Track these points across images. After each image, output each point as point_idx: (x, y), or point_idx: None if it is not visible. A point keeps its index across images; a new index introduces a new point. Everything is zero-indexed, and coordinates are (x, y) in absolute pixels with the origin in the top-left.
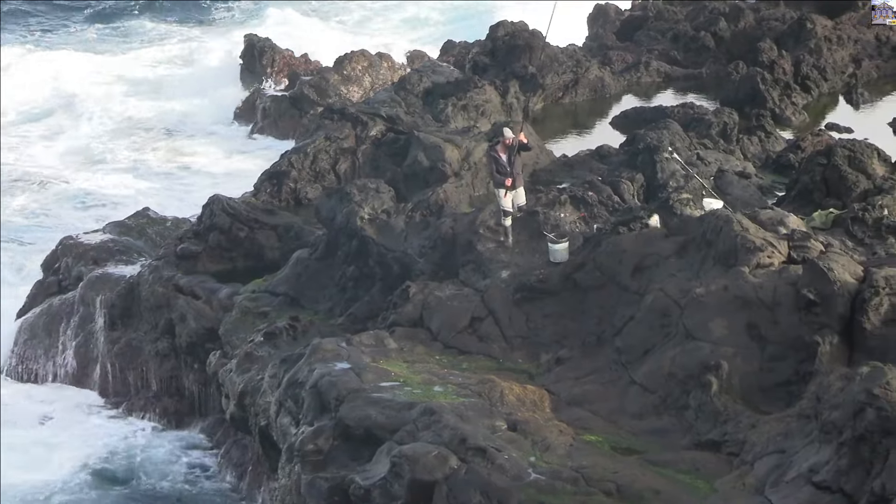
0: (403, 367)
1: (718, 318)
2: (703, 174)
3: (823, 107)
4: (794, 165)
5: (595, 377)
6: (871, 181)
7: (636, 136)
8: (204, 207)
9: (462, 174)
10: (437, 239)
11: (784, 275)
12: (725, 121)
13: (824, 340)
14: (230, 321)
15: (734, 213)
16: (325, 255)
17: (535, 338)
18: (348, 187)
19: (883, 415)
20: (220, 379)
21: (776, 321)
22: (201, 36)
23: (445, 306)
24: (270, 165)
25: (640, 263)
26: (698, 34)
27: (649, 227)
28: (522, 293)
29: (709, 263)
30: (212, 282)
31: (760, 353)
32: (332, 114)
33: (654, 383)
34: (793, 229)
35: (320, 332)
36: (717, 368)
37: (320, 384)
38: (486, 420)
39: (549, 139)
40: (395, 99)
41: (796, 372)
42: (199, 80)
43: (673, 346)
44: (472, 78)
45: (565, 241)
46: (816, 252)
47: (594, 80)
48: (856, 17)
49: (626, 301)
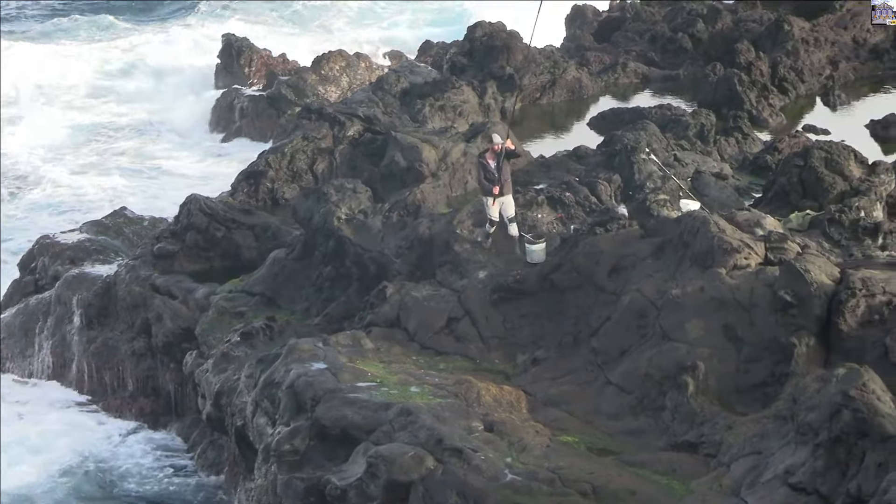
0: (380, 367)
1: (695, 319)
2: (680, 175)
3: (800, 108)
4: (771, 167)
5: (571, 378)
6: (848, 183)
7: (613, 136)
8: (181, 207)
9: (439, 174)
10: (414, 239)
11: (761, 276)
12: (703, 122)
13: (801, 342)
14: (207, 321)
15: (711, 215)
16: (302, 256)
17: (511, 338)
18: (325, 187)
19: (859, 416)
20: (196, 379)
21: (753, 322)
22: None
23: (422, 307)
24: (248, 165)
25: (616, 264)
26: (676, 35)
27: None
28: (499, 294)
29: (685, 264)
30: (188, 281)
31: (737, 354)
32: (309, 114)
33: (630, 384)
34: (769, 231)
35: (297, 332)
36: (693, 369)
37: (297, 384)
38: (462, 421)
39: (526, 140)
40: (372, 99)
41: (772, 373)
42: (172, 81)
43: (649, 346)
44: (449, 78)
45: (542, 241)
46: (793, 253)
47: (572, 81)
48: (833, 20)
49: (603, 302)
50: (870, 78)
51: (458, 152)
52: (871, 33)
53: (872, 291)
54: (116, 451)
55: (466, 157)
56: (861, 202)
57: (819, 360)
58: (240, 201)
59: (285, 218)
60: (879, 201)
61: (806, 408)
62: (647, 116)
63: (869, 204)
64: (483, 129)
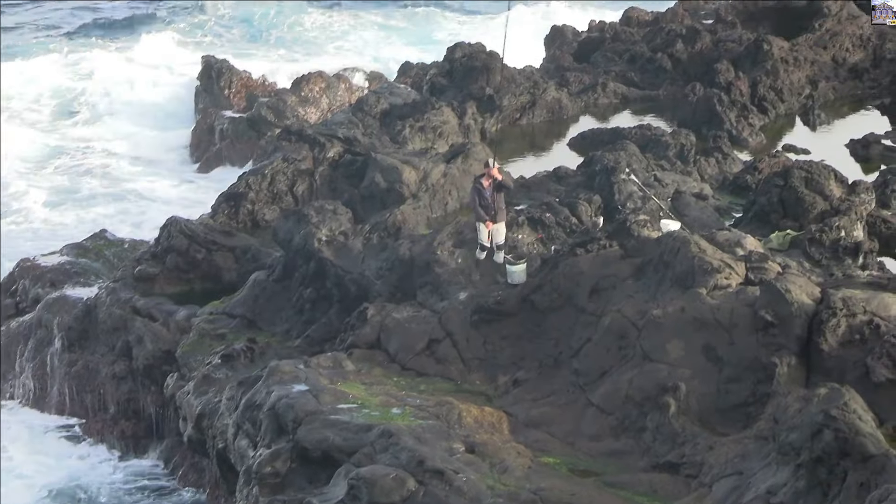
0: (361, 389)
1: (676, 339)
2: (661, 195)
3: (780, 128)
4: (751, 187)
5: (552, 399)
6: (829, 202)
7: (593, 157)
8: (161, 229)
9: (419, 196)
10: (394, 261)
11: (741, 296)
12: (682, 142)
13: (782, 362)
14: (187, 343)
15: (691, 235)
16: (283, 277)
17: (492, 360)
18: (306, 209)
19: (840, 436)
20: (177, 401)
21: (733, 342)
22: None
23: (403, 328)
24: (228, 187)
25: (597, 285)
26: (655, 56)
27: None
28: (480, 315)
29: (666, 285)
30: (169, 304)
31: (718, 374)
32: (289, 135)
33: (611, 405)
34: (750, 251)
35: (278, 354)
36: (674, 390)
37: (278, 406)
38: (443, 442)
39: (506, 160)
40: (352, 120)
41: (753, 393)
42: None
43: (630, 367)
44: (429, 99)
45: (523, 262)
46: (774, 273)
47: (551, 102)
48: (812, 39)
49: (584, 323)
50: (849, 97)
51: (438, 173)
52: (850, 52)
53: (853, 311)
54: (97, 473)
55: (447, 178)
56: (841, 222)
57: (800, 379)
58: (220, 223)
59: (266, 240)
60: (860, 221)
61: (787, 428)
62: (626, 137)
63: (849, 223)
64: (463, 150)
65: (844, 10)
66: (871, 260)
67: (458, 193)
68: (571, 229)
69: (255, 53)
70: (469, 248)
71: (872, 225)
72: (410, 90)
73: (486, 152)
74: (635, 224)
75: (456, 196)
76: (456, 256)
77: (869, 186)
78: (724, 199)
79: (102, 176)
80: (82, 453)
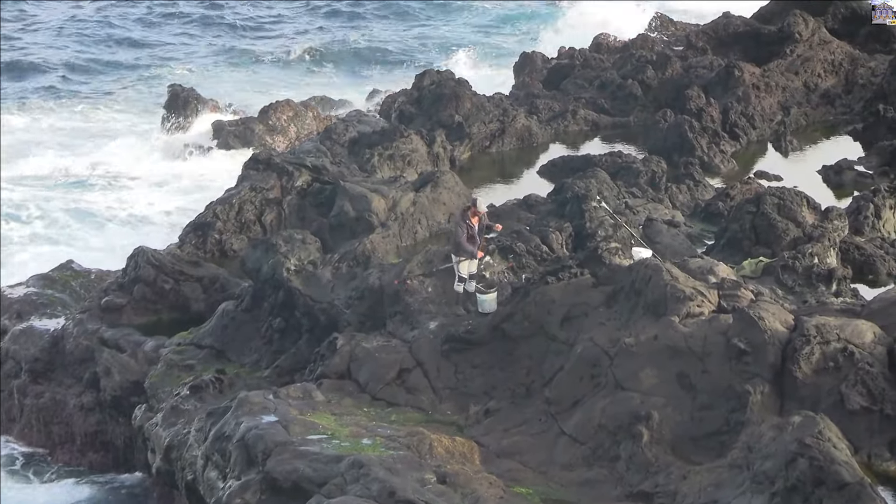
0: (331, 419)
1: (648, 367)
2: (632, 223)
3: (752, 154)
4: (723, 214)
5: (525, 428)
6: (801, 229)
7: (564, 185)
8: (129, 259)
9: (389, 224)
10: (364, 290)
11: (714, 324)
12: (654, 169)
13: (755, 390)
14: (156, 374)
15: (663, 262)
16: (251, 307)
17: (463, 389)
18: (274, 238)
19: (815, 465)
20: (145, 433)
21: (707, 370)
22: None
23: (373, 358)
24: (195, 216)
25: (568, 313)
26: (626, 82)
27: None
28: (451, 344)
29: (638, 313)
30: (137, 335)
31: (691, 402)
32: (257, 164)
33: (584, 434)
34: (722, 278)
35: (247, 384)
36: (647, 419)
37: (247, 437)
38: (415, 473)
39: (476, 188)
40: (320, 149)
41: (727, 421)
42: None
43: (603, 396)
44: (398, 127)
45: (493, 291)
46: (746, 301)
47: (521, 129)
48: (784, 65)
49: (556, 351)
50: (821, 123)
51: (407, 202)
52: (822, 78)
53: (827, 338)
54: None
55: (416, 206)
56: (814, 248)
57: (774, 407)
58: (188, 253)
59: (234, 269)
60: (833, 247)
61: (761, 456)
62: (597, 164)
63: (822, 250)
64: (432, 178)
65: (816, 36)
66: (844, 287)
67: (428, 222)
68: (542, 257)
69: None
70: (439, 276)
71: (846, 251)
72: (379, 118)
73: (459, 184)
74: (606, 252)
75: (425, 224)
76: (426, 285)
77: (842, 213)
78: (696, 227)
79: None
80: (49, 485)
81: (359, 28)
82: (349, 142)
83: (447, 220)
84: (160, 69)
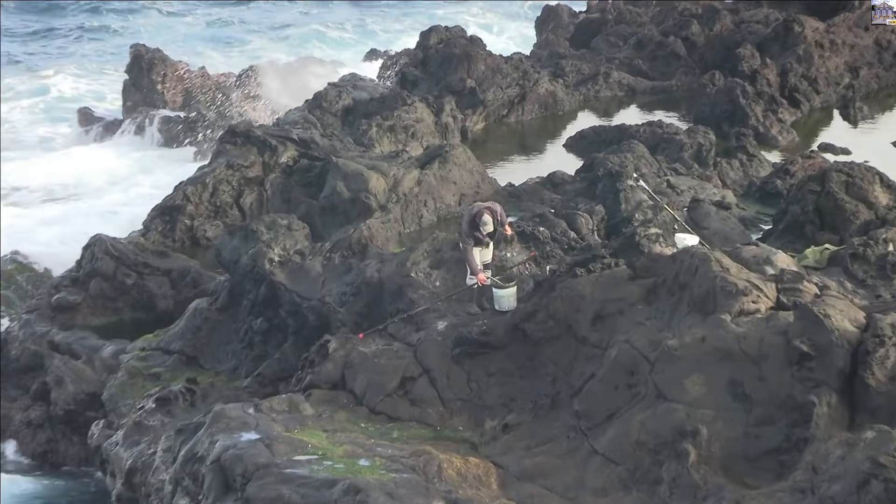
0: (322, 437)
1: (695, 374)
2: (675, 205)
3: (815, 124)
4: (781, 193)
5: (550, 447)
6: (873, 211)
7: (595, 160)
8: (84, 249)
9: (389, 207)
10: (360, 284)
11: (772, 323)
12: (700, 141)
13: (821, 400)
14: (116, 385)
15: (712, 251)
16: (228, 306)
17: (478, 400)
18: (255, 224)
19: (891, 487)
20: (104, 454)
21: (763, 378)
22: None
23: (371, 364)
24: (162, 199)
25: (601, 311)
26: (667, 40)
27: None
28: (463, 348)
29: (683, 310)
30: (93, 338)
31: (745, 415)
32: (234, 137)
33: (620, 453)
34: (781, 269)
35: (223, 396)
36: (694, 435)
37: (224, 459)
38: (421, 499)
39: (492, 164)
40: (309, 119)
41: (788, 438)
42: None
43: (642, 408)
44: (399, 94)
45: (512, 285)
46: (810, 296)
47: (544, 95)
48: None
49: (586, 356)
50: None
51: (410, 181)
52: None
53: None
54: None
55: (421, 186)
56: (889, 234)
57: (843, 421)
58: (153, 242)
59: (207, 261)
60: None
61: (828, 478)
62: (634, 136)
63: None
64: (441, 154)
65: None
66: None
67: (435, 204)
68: (570, 246)
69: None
70: (449, 268)
71: None
72: (377, 83)
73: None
74: (645, 239)
75: (432, 207)
76: (434, 279)
77: None
78: (751, 209)
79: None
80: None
81: None
82: (342, 110)
83: (458, 203)
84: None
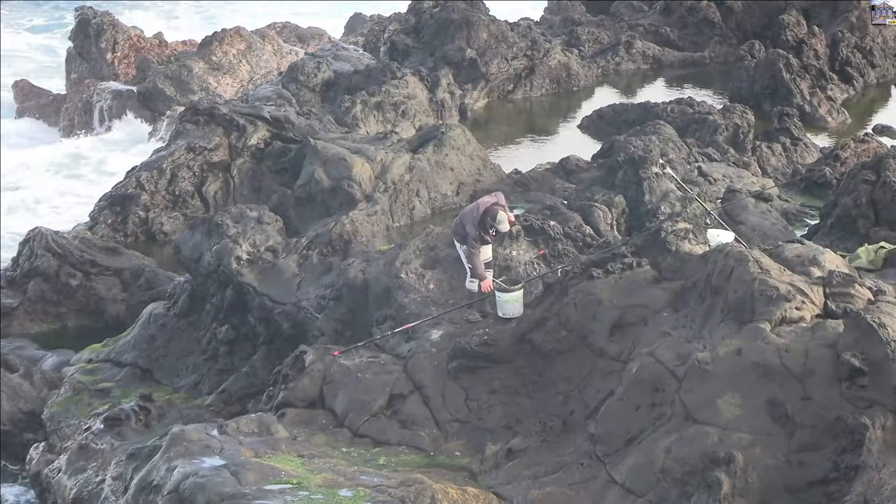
0: (297, 463)
1: (729, 393)
2: (708, 196)
3: (870, 103)
4: (830, 183)
5: (561, 475)
6: None
7: (614, 143)
8: (21, 245)
9: (376, 198)
10: (342, 287)
11: (818, 333)
12: (737, 123)
13: (874, 423)
14: (58, 402)
15: (749, 250)
16: (189, 311)
17: (477, 422)
18: (219, 217)
19: None
20: (44, 481)
21: (808, 397)
22: None
23: (355, 380)
24: (112, 187)
25: (621, 319)
26: (699, 4)
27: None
28: (460, 361)
29: (715, 319)
30: (32, 348)
31: (787, 440)
32: (196, 115)
33: (641, 483)
34: (830, 271)
35: (182, 416)
36: (728, 462)
37: (183, 488)
38: None
39: (495, 148)
40: (283, 95)
41: (836, 466)
42: None
43: (667, 431)
44: (388, 65)
45: (518, 289)
46: (862, 302)
47: (556, 68)
48: None
49: (603, 371)
50: None
51: (401, 167)
52: None
53: None
54: None
55: (413, 173)
56: None
57: None
58: (102, 236)
59: (164, 259)
60: None
61: None
62: (660, 115)
63: None
64: (436, 135)
65: None
66: None
67: (429, 194)
68: (585, 243)
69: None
70: (444, 268)
71: None
72: (362, 53)
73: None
74: (672, 235)
75: (426, 197)
76: (427, 280)
77: None
78: (795, 200)
79: None
80: None
81: None
82: (322, 85)
83: (456, 193)
84: None
